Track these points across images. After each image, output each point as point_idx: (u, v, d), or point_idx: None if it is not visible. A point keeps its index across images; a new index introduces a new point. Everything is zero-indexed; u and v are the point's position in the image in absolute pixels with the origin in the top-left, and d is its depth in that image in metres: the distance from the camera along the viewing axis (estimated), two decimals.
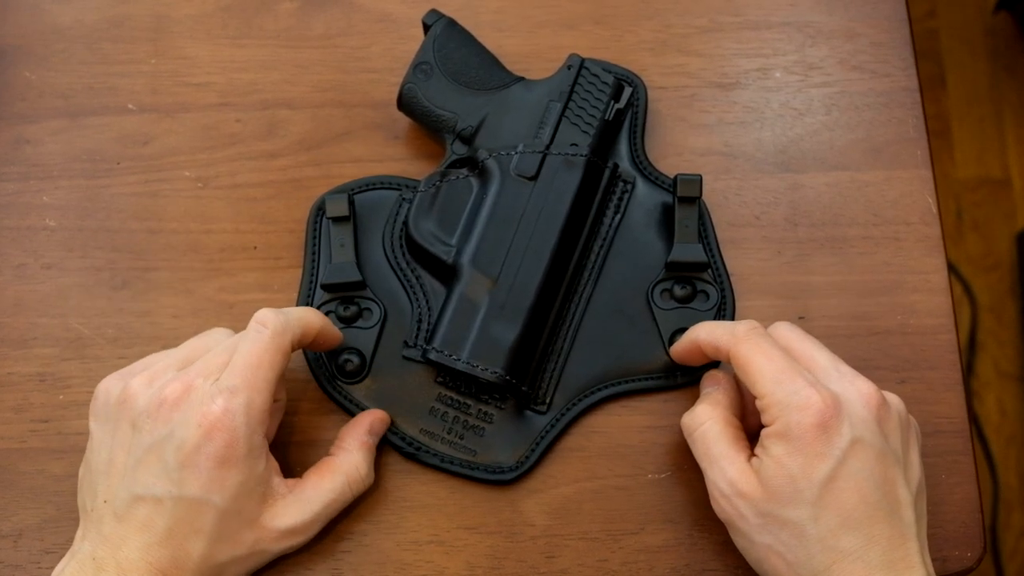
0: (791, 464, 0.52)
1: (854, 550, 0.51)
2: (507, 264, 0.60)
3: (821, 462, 0.51)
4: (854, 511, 0.51)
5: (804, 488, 0.51)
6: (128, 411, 0.54)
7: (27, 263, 0.65)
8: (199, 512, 0.52)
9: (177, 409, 0.53)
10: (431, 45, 0.65)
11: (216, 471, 0.52)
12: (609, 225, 0.64)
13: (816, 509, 0.51)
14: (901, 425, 0.55)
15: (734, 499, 0.54)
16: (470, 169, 0.63)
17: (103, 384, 0.56)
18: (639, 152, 0.65)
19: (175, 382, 0.53)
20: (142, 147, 0.68)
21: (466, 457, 0.61)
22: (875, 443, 0.52)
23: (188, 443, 0.52)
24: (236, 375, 0.53)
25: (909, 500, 0.53)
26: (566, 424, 0.61)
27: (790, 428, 0.52)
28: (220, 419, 0.52)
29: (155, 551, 0.52)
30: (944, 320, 0.64)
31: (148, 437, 0.53)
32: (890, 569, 0.51)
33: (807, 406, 0.52)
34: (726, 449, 0.55)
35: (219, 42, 0.70)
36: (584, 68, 0.64)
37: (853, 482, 0.51)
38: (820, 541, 0.51)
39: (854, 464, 0.51)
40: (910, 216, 0.66)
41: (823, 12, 0.70)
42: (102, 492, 0.54)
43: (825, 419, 0.52)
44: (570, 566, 0.60)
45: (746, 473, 0.54)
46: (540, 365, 0.62)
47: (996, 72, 1.61)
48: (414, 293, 0.63)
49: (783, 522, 0.52)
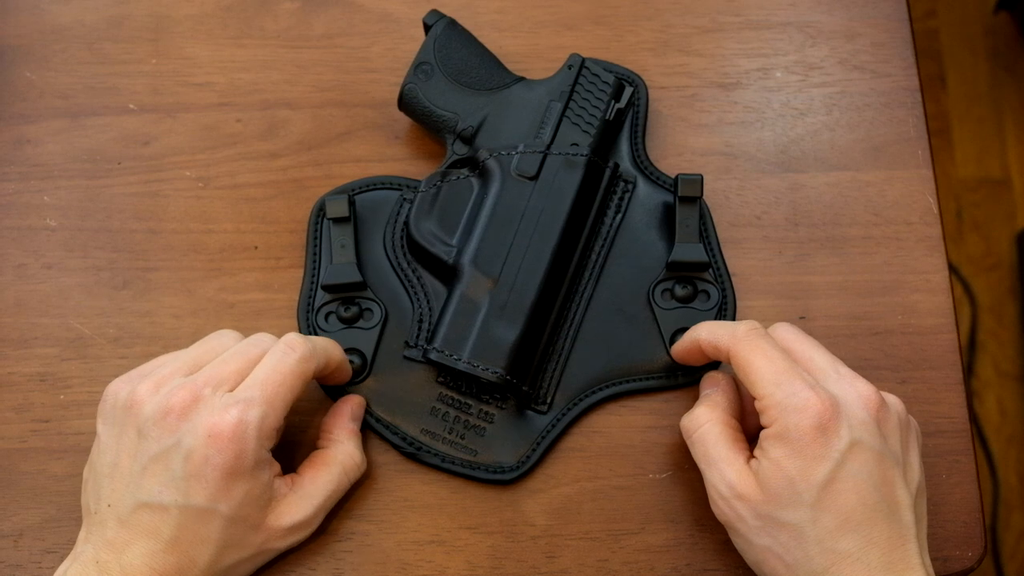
0: (790, 466, 0.52)
1: (853, 552, 0.51)
2: (508, 264, 0.60)
3: (820, 464, 0.51)
4: (853, 513, 0.51)
5: (803, 490, 0.51)
6: (134, 417, 0.54)
7: (28, 263, 0.65)
8: (205, 521, 0.52)
9: (185, 418, 0.52)
10: (432, 45, 0.65)
11: (223, 482, 0.52)
12: (610, 225, 0.64)
13: (815, 511, 0.51)
14: (900, 426, 0.54)
15: (733, 501, 0.54)
16: (471, 169, 0.63)
17: (111, 387, 0.56)
18: (640, 152, 0.65)
19: (182, 390, 0.53)
20: (143, 147, 0.68)
21: (467, 457, 0.61)
22: (874, 445, 0.52)
23: (196, 453, 0.52)
24: (256, 388, 0.53)
25: (908, 502, 0.52)
26: (567, 424, 0.61)
27: (788, 430, 0.52)
28: (233, 430, 0.52)
29: (160, 558, 0.52)
30: (945, 320, 0.64)
31: (155, 445, 0.53)
32: (889, 570, 0.50)
33: (806, 408, 0.52)
34: (725, 451, 0.55)
35: (220, 42, 0.70)
36: (585, 68, 0.64)
37: (852, 484, 0.51)
38: (819, 543, 0.51)
39: (853, 466, 0.51)
40: (911, 216, 0.66)
41: (824, 12, 0.70)
42: (106, 496, 0.54)
43: (824, 421, 0.51)
44: (571, 566, 0.60)
45: (745, 475, 0.54)
46: (541, 365, 0.62)
47: (996, 72, 1.61)
48: (415, 293, 0.63)
49: (781, 524, 0.52)
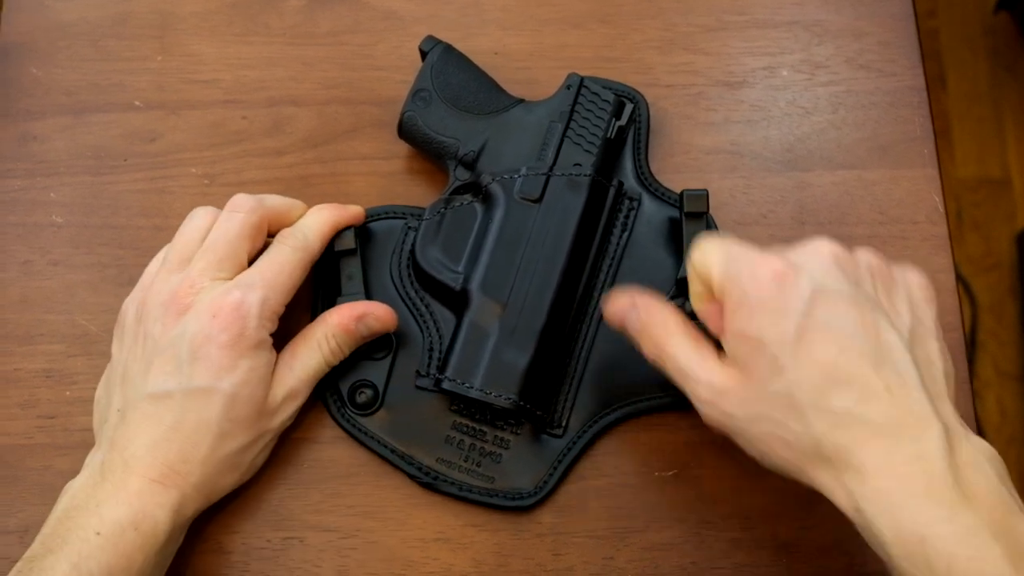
0: (754, 330, 0.48)
1: (849, 408, 0.46)
2: (515, 288, 0.60)
3: (784, 319, 0.47)
4: (836, 363, 0.46)
5: (777, 353, 0.47)
6: (143, 323, 0.57)
7: (33, 259, 0.65)
8: (207, 402, 0.54)
9: (188, 309, 0.55)
10: (429, 72, 0.64)
11: (226, 358, 0.54)
12: (617, 244, 0.64)
13: (796, 372, 0.46)
14: (873, 273, 0.50)
15: (718, 401, 0.50)
16: (474, 194, 0.63)
17: (123, 307, 0.59)
18: (644, 168, 0.65)
19: (180, 286, 0.56)
20: (148, 144, 0.68)
21: (485, 485, 0.60)
22: (842, 289, 0.48)
23: (200, 334, 0.54)
24: (255, 275, 0.56)
25: (901, 344, 0.47)
26: (583, 446, 0.61)
27: (746, 293, 0.48)
28: (235, 307, 0.55)
29: (162, 446, 0.53)
30: (951, 319, 0.64)
31: (162, 340, 0.55)
32: (897, 427, 0.45)
33: (759, 265, 0.48)
34: (693, 356, 0.51)
35: (225, 39, 0.70)
36: (584, 87, 0.64)
37: (825, 333, 0.46)
38: (812, 406, 0.46)
39: (821, 313, 0.47)
40: (916, 215, 0.66)
41: (830, 11, 0.70)
42: (116, 402, 0.56)
43: (779, 275, 0.48)
44: (576, 564, 0.60)
45: (719, 370, 0.50)
46: (554, 388, 0.61)
47: (996, 72, 1.61)
48: (424, 322, 0.62)
49: (770, 400, 0.48)
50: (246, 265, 0.58)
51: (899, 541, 0.44)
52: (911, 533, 0.44)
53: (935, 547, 0.43)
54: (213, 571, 0.59)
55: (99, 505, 0.52)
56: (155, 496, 0.53)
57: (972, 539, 0.42)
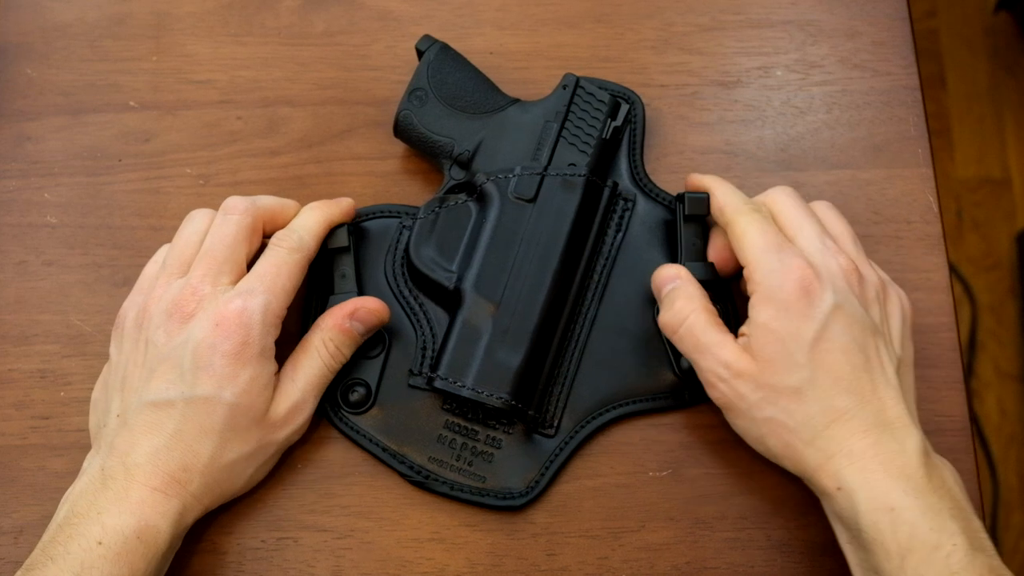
0: (778, 327, 0.54)
1: (850, 408, 0.53)
2: (509, 288, 0.60)
3: (807, 323, 0.54)
4: (843, 373, 0.53)
5: (795, 350, 0.53)
6: (144, 330, 0.57)
7: (28, 260, 0.65)
8: (209, 411, 0.54)
9: (191, 317, 0.55)
10: (425, 71, 0.64)
11: (229, 368, 0.54)
12: (611, 244, 0.64)
13: (810, 370, 0.53)
14: (878, 299, 0.57)
15: (732, 381, 0.55)
16: (468, 194, 0.63)
17: (121, 310, 0.59)
18: (639, 169, 0.65)
19: (181, 293, 0.56)
20: (143, 144, 0.68)
21: (476, 484, 0.60)
22: (855, 312, 0.55)
23: (204, 343, 0.54)
24: (255, 281, 0.56)
25: (892, 368, 0.55)
26: (575, 447, 0.61)
27: (774, 291, 0.54)
28: (238, 316, 0.55)
29: (163, 455, 0.53)
30: (945, 318, 0.64)
31: (164, 348, 0.55)
32: (886, 428, 0.53)
33: (791, 270, 0.54)
34: (715, 335, 0.56)
35: (220, 40, 0.70)
36: (579, 87, 0.64)
37: (838, 344, 0.53)
38: (818, 401, 0.53)
39: (837, 328, 0.54)
40: (911, 214, 0.66)
41: (824, 11, 0.70)
42: (115, 407, 0.56)
43: (807, 283, 0.54)
44: (571, 564, 0.60)
45: (739, 353, 0.55)
46: (547, 388, 0.61)
47: (996, 72, 1.61)
48: (417, 321, 0.62)
49: (781, 390, 0.54)
50: (245, 268, 0.58)
51: (871, 509, 0.51)
52: (883, 503, 0.51)
53: (902, 516, 0.50)
54: (208, 571, 0.59)
55: (100, 513, 0.52)
56: (157, 506, 0.53)
57: (935, 516, 0.50)
